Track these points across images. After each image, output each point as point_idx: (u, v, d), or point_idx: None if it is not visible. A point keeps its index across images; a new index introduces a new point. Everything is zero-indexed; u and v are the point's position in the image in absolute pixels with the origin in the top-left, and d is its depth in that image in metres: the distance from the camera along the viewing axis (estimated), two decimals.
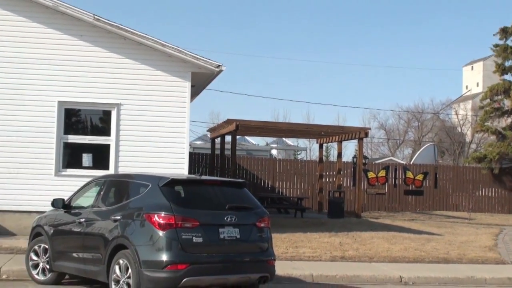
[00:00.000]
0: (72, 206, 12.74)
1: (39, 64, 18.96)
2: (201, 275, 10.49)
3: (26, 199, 18.49)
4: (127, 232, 10.75)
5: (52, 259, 12.56)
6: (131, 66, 19.30)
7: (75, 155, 19.29)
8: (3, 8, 18.99)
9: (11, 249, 16.02)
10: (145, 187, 11.21)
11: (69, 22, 19.12)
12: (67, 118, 19.29)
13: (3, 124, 18.69)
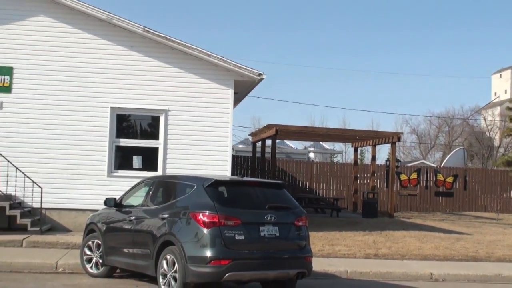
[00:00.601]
0: (123, 205, 12.85)
1: (93, 73, 19.17)
2: (243, 270, 10.51)
3: (81, 198, 18.67)
4: (174, 230, 10.82)
5: (105, 254, 12.69)
6: (178, 74, 19.40)
7: (126, 157, 19.43)
8: (61, 21, 19.23)
9: (67, 244, 16.20)
10: (190, 188, 11.27)
11: (121, 33, 19.30)
12: (118, 123, 19.43)
13: (61, 129, 18.91)
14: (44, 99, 18.97)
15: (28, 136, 18.81)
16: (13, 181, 18.20)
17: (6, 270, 13.42)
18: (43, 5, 19.16)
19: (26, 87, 18.97)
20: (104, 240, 12.76)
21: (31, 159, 18.64)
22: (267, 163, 30.65)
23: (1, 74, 18.85)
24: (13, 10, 19.10)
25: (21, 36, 19.07)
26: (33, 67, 19.01)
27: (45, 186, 18.28)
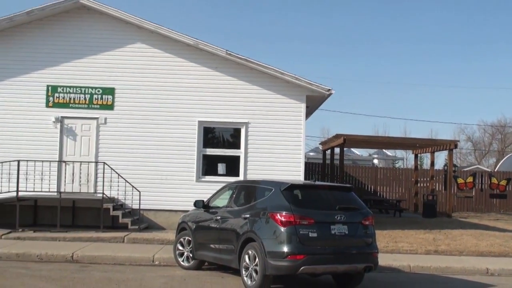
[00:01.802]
0: (210, 206, 12.97)
1: (183, 91, 19.46)
2: (316, 264, 10.47)
3: (173, 200, 18.93)
4: (255, 228, 10.86)
5: (195, 249, 12.85)
6: (256, 91, 19.49)
7: (211, 164, 19.59)
8: (155, 47, 19.61)
9: (161, 240, 16.46)
10: (269, 191, 11.30)
11: (206, 56, 19.52)
12: (205, 134, 19.62)
13: (156, 140, 19.26)
14: (141, 115, 19.37)
15: (128, 147, 19.23)
16: (115, 186, 18.63)
17: (110, 262, 13.74)
18: (140, 34, 19.58)
19: (125, 104, 19.41)
20: (194, 237, 12.92)
21: (130, 166, 19.04)
22: (336, 169, 30.46)
23: (105, 94, 19.38)
24: (116, 39, 19.61)
25: (122, 61, 19.55)
26: (131, 87, 19.44)
27: (142, 190, 18.62)
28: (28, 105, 19.35)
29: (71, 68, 19.50)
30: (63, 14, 19.63)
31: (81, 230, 17.65)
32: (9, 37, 19.62)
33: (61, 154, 19.18)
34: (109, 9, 19.36)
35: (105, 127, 19.31)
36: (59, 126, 19.28)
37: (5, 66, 19.48)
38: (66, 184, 18.96)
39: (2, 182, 18.25)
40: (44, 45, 19.60)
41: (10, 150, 18.92)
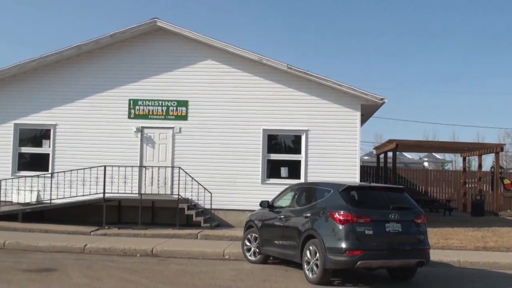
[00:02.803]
0: (274, 206, 12.96)
1: (248, 102, 19.55)
2: (372, 259, 10.33)
3: (240, 201, 19.02)
4: (315, 226, 10.80)
5: (261, 244, 12.86)
6: (315, 101, 19.39)
7: (274, 168, 19.57)
8: (223, 63, 19.78)
9: (231, 237, 16.52)
10: (328, 192, 11.23)
11: (269, 70, 19.56)
12: (269, 141, 19.65)
13: (225, 146, 19.41)
14: (211, 124, 19.57)
15: (200, 153, 19.45)
16: (189, 188, 18.86)
17: (185, 256, 13.89)
18: (210, 51, 19.80)
19: (198, 115, 19.66)
20: (260, 234, 12.94)
21: (202, 170, 19.24)
22: (389, 171, 30.03)
23: (180, 106, 19.68)
24: (188, 57, 19.89)
25: (194, 76, 19.81)
26: (203, 99, 19.67)
27: (213, 192, 18.79)
28: (113, 117, 19.86)
29: (150, 84, 19.90)
30: (142, 35, 20.07)
31: (159, 227, 17.93)
32: (95, 57, 20.21)
33: (141, 160, 19.58)
34: (182, 30, 19.67)
35: (180, 136, 19.60)
36: (140, 135, 19.68)
37: (93, 83, 20.07)
38: (146, 186, 19.31)
39: (90, 185, 18.77)
40: (125, 63, 20.09)
41: (97, 156, 19.45)
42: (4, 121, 20.29)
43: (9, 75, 20.32)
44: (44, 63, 20.15)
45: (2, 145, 20.19)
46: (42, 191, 19.54)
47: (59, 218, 19.04)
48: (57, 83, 20.28)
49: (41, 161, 20.11)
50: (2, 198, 19.17)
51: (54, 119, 20.09)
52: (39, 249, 14.45)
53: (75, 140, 19.93)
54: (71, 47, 19.83)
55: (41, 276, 10.78)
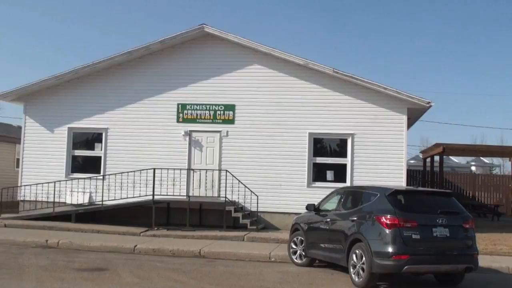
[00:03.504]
0: (320, 209, 12.91)
1: (294, 106, 19.53)
2: (419, 264, 10.19)
3: (286, 204, 18.99)
4: (361, 230, 10.71)
5: (306, 247, 12.82)
6: (360, 104, 19.22)
7: (320, 172, 19.46)
8: (269, 68, 19.81)
9: (277, 240, 16.52)
10: (374, 196, 11.11)
11: (315, 74, 19.49)
12: (314, 145, 19.59)
13: (271, 150, 19.44)
14: (258, 128, 19.62)
15: (247, 156, 19.53)
16: (236, 191, 18.94)
17: (232, 258, 13.95)
18: (256, 56, 19.87)
19: (244, 119, 19.75)
20: (306, 237, 12.91)
21: (249, 173, 19.30)
22: (436, 176, 29.50)
23: (227, 110, 19.81)
24: (235, 62, 20.02)
25: (241, 80, 19.92)
26: (249, 103, 19.75)
27: (260, 195, 18.82)
28: (162, 121, 20.15)
29: (197, 88, 20.10)
30: (190, 41, 20.30)
31: (207, 229, 18.06)
32: (145, 63, 20.55)
33: (189, 163, 19.78)
34: (229, 36, 19.81)
35: (227, 139, 19.73)
36: (188, 138, 19.90)
37: (143, 88, 20.41)
38: (194, 189, 19.49)
39: (140, 187, 19.09)
40: (174, 69, 20.36)
41: (147, 159, 19.76)
42: (59, 125, 20.85)
43: (63, 80, 20.87)
44: (96, 69, 20.60)
45: (57, 148, 20.74)
46: (94, 192, 19.98)
47: (110, 219, 19.41)
48: (108, 88, 20.72)
49: (93, 163, 20.56)
50: (56, 199, 19.69)
51: (105, 123, 20.52)
52: (91, 249, 14.77)
53: (126, 143, 20.30)
54: (123, 53, 20.23)
55: (93, 275, 11.01)
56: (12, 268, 11.54)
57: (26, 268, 11.58)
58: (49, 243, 15.18)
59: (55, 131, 20.88)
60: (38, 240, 15.34)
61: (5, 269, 11.39)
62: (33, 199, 20.25)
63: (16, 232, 16.71)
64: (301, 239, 13.12)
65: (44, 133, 20.95)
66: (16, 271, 11.15)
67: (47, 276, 10.72)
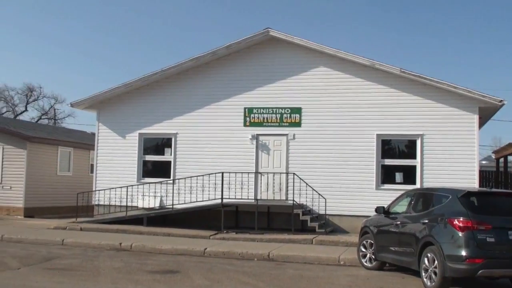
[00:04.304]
0: (390, 212, 12.70)
1: (361, 107, 19.33)
2: (494, 268, 9.85)
3: (355, 206, 18.80)
4: (433, 232, 10.47)
5: (376, 251, 12.65)
6: (429, 104, 18.81)
7: (389, 173, 19.15)
8: (335, 69, 19.69)
9: (346, 243, 16.38)
10: (446, 198, 10.85)
11: (382, 75, 19.25)
12: (382, 146, 19.33)
13: (338, 152, 19.31)
14: (324, 130, 19.54)
15: (314, 159, 19.48)
16: (304, 193, 18.90)
17: (301, 261, 13.93)
18: (321, 58, 19.81)
19: (311, 121, 19.71)
20: (375, 240, 12.73)
21: (316, 176, 19.23)
22: (509, 176, 28.46)
23: (293, 113, 19.83)
24: (300, 64, 20.03)
25: (306, 83, 19.91)
26: (316, 106, 19.70)
27: (328, 197, 18.71)
28: (229, 125, 20.39)
29: (264, 92, 20.22)
30: (256, 45, 20.46)
31: (275, 232, 18.12)
32: (212, 68, 20.86)
33: (257, 166, 19.91)
34: (294, 39, 19.83)
35: (294, 142, 19.74)
36: (255, 142, 20.04)
37: (211, 93, 20.73)
38: (262, 192, 19.59)
39: (209, 190, 19.37)
40: (240, 73, 20.57)
41: (215, 163, 20.05)
42: (130, 131, 21.45)
43: (133, 88, 21.47)
44: (165, 75, 21.08)
45: (128, 153, 21.35)
46: (165, 196, 20.42)
47: (180, 222, 19.79)
48: (177, 94, 21.15)
49: (163, 168, 21.02)
50: (128, 203, 20.25)
51: (175, 128, 20.95)
52: (162, 251, 15.10)
53: (194, 148, 20.66)
54: (190, 59, 20.61)
55: (165, 278, 11.26)
56: (88, 270, 11.95)
57: (101, 270, 11.98)
58: (123, 246, 15.63)
59: (126, 137, 21.50)
60: (112, 243, 15.83)
61: (82, 271, 11.82)
62: (106, 203, 20.93)
63: (91, 235, 17.30)
64: (370, 242, 12.96)
65: (116, 139, 21.61)
66: (92, 273, 11.54)
67: (122, 278, 11.05)
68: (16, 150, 24.16)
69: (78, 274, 11.42)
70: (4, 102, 60.06)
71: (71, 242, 16.24)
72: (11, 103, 60.13)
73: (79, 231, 18.68)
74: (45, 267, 12.23)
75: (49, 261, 13.01)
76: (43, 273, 11.38)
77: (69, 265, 12.57)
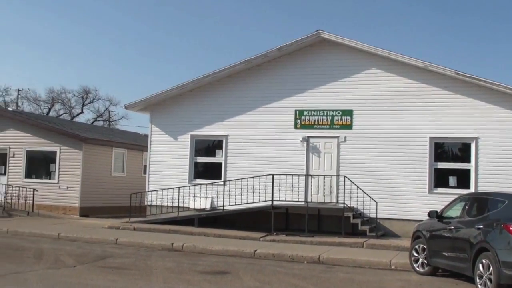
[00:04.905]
0: (443, 216, 12.45)
1: (413, 109, 19.04)
2: None
3: (406, 210, 18.52)
4: (488, 238, 10.19)
5: (429, 256, 12.41)
6: (485, 107, 18.35)
7: (442, 177, 18.75)
8: (387, 71, 19.45)
9: (397, 247, 16.16)
10: (502, 203, 10.56)
11: (435, 77, 18.90)
12: (435, 149, 18.97)
13: (390, 155, 19.06)
14: (376, 133, 19.33)
15: (365, 162, 19.29)
16: (354, 196, 18.73)
17: (351, 265, 13.80)
18: (373, 60, 19.62)
19: (362, 124, 19.53)
20: (428, 244, 12.50)
21: (367, 179, 19.04)
22: None
23: (344, 115, 19.70)
24: (351, 66, 19.88)
25: (357, 85, 19.75)
26: (367, 108, 19.52)
27: (379, 201, 18.49)
28: (280, 127, 20.42)
29: (314, 94, 20.17)
30: (307, 48, 20.42)
31: (325, 235, 18.03)
32: (263, 70, 20.95)
33: (307, 169, 19.86)
34: (345, 40, 19.70)
35: (345, 145, 19.60)
36: (305, 144, 20.00)
37: (262, 95, 20.82)
38: (312, 194, 19.53)
39: (260, 193, 19.41)
40: (291, 75, 20.58)
41: (265, 165, 20.10)
42: (182, 132, 21.75)
43: (186, 90, 21.76)
44: (217, 78, 21.28)
45: (180, 155, 21.64)
46: (216, 198, 20.61)
47: (230, 224, 19.94)
48: (228, 96, 21.32)
49: (214, 169, 21.22)
50: (180, 204, 20.53)
51: (226, 130, 21.13)
52: (213, 252, 15.24)
53: (245, 150, 20.78)
54: (242, 62, 20.75)
55: (215, 278, 11.36)
56: (141, 269, 12.18)
57: (154, 269, 12.18)
58: (174, 246, 15.85)
59: (178, 138, 21.81)
60: (164, 243, 16.07)
61: (135, 270, 12.05)
62: (159, 204, 21.27)
63: (144, 235, 17.62)
64: (423, 247, 12.72)
65: (169, 140, 21.95)
66: (145, 272, 11.75)
67: (173, 278, 11.21)
68: (73, 151, 24.84)
69: (131, 273, 11.65)
70: (62, 104, 61.86)
71: (125, 241, 16.58)
72: (68, 105, 61.90)
73: (132, 230, 19.06)
74: (100, 265, 12.54)
75: (103, 260, 13.33)
76: (98, 271, 11.66)
77: (122, 264, 12.84)
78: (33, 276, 10.84)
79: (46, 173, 25.35)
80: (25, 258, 13.13)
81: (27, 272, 11.21)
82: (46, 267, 12.05)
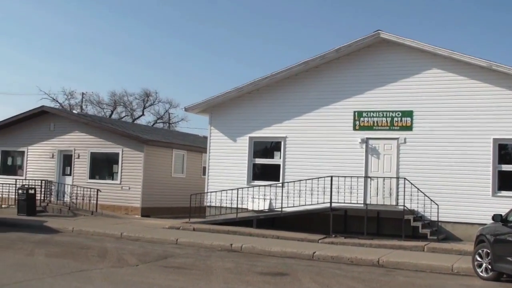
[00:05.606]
0: (508, 220, 12.10)
1: (476, 110, 18.55)
2: None
3: (469, 214, 18.07)
4: None
5: (493, 260, 12.06)
6: None
7: (506, 180, 18.18)
8: (448, 71, 19.05)
9: (459, 251, 15.79)
10: None
11: (500, 76, 18.33)
12: (499, 151, 18.41)
13: (452, 157, 18.65)
14: (437, 134, 18.95)
15: (425, 164, 18.94)
16: (415, 199, 18.44)
17: (412, 269, 13.58)
18: (434, 60, 19.25)
19: (423, 125, 19.18)
20: (492, 249, 12.15)
21: (428, 181, 18.69)
22: None
23: (404, 116, 19.40)
24: (411, 67, 19.57)
25: (418, 85, 19.41)
26: (428, 109, 19.16)
27: (440, 204, 18.14)
28: (338, 129, 20.31)
29: (373, 95, 19.95)
30: (365, 48, 20.24)
31: (384, 238, 17.80)
32: (321, 72, 20.89)
33: (366, 171, 19.67)
34: (405, 40, 19.40)
35: (405, 146, 19.30)
36: (364, 146, 19.81)
37: (320, 96, 20.76)
38: (371, 197, 19.34)
39: (318, 194, 19.36)
40: (350, 76, 20.44)
41: (324, 167, 20.03)
42: (240, 134, 21.94)
43: (244, 92, 21.94)
44: (274, 80, 21.36)
45: (239, 157, 21.83)
46: (274, 199, 20.68)
47: (287, 225, 19.95)
48: (286, 98, 21.37)
49: (273, 171, 21.29)
50: (239, 205, 20.70)
51: (284, 132, 21.17)
52: (272, 253, 15.29)
53: (303, 151, 20.77)
54: (299, 63, 20.75)
55: (275, 279, 11.41)
56: (201, 269, 12.36)
57: (213, 270, 12.34)
58: (233, 247, 16.00)
59: (237, 140, 22.00)
60: (223, 244, 16.25)
61: (195, 270, 12.25)
62: (218, 205, 21.52)
63: (203, 236, 17.86)
64: (486, 251, 12.38)
65: (227, 142, 22.18)
66: (205, 272, 11.92)
67: (233, 278, 11.32)
68: (134, 152, 25.43)
69: (191, 273, 11.85)
70: (123, 107, 63.42)
71: (185, 241, 16.86)
72: (129, 108, 63.39)
73: (192, 231, 19.34)
74: (161, 264, 12.80)
75: (165, 259, 13.60)
76: (159, 271, 11.91)
77: (183, 263, 13.07)
78: (97, 274, 11.18)
79: (109, 174, 26.06)
80: (89, 257, 13.55)
81: (91, 270, 11.58)
82: (110, 265, 12.40)
